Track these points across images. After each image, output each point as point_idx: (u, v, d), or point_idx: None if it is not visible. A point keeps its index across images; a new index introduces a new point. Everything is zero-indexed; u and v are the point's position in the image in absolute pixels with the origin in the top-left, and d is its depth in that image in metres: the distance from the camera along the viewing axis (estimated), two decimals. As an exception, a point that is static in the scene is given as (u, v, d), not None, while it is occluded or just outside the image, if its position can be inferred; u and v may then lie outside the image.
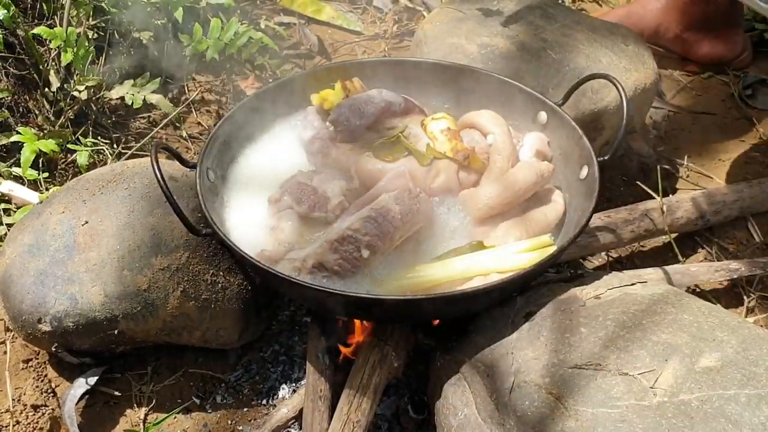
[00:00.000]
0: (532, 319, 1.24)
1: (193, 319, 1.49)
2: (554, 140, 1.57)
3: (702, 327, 1.14)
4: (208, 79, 2.34)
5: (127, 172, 1.54)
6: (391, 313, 1.31)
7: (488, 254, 1.32)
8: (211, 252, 1.50)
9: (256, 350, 1.67)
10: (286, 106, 1.64)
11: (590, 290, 1.26)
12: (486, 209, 1.42)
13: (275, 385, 1.62)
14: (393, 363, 1.42)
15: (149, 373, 1.61)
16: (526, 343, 1.20)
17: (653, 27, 2.41)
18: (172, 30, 2.25)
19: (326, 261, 1.28)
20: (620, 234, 1.79)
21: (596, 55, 1.88)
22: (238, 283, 1.53)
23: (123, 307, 1.43)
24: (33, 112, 1.99)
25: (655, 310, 1.18)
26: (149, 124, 2.16)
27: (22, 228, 1.53)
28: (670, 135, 2.31)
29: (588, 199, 1.38)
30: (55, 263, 1.45)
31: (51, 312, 1.43)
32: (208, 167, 1.47)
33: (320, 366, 1.45)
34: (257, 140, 1.61)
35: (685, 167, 2.18)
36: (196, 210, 1.49)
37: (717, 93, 2.47)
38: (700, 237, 1.95)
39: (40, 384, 1.55)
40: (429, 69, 1.70)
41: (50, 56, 2.02)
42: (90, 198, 1.50)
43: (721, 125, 2.35)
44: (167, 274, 1.45)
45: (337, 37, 2.65)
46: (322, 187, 1.43)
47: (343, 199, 1.43)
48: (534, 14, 1.97)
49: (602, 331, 1.16)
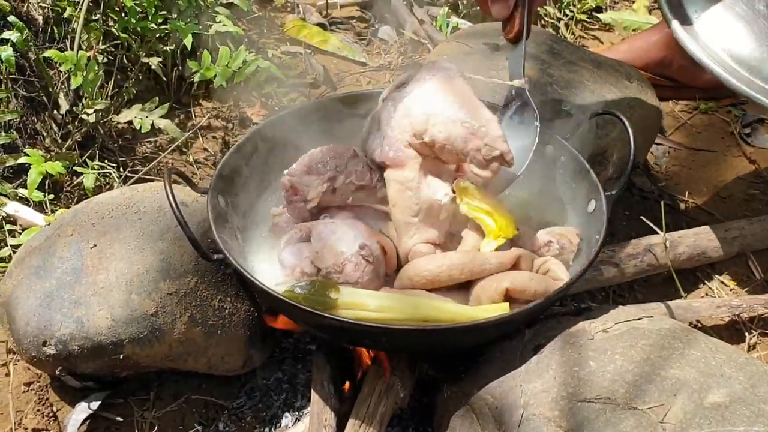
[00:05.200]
0: (541, 351, 1.25)
1: (199, 345, 1.48)
2: (561, 173, 1.59)
3: (709, 363, 1.15)
4: (215, 105, 2.36)
5: (137, 196, 1.55)
6: (399, 343, 1.32)
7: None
8: (219, 277, 1.50)
9: (259, 377, 1.66)
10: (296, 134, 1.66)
11: (598, 324, 1.27)
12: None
13: (278, 413, 1.61)
14: (399, 393, 1.42)
15: (152, 399, 1.60)
16: (535, 376, 1.21)
17: (658, 59, 2.45)
18: (180, 56, 2.27)
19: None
20: (624, 268, 1.80)
21: (601, 92, 1.91)
22: (245, 310, 1.53)
23: (129, 332, 1.42)
24: (41, 134, 2.00)
25: (662, 345, 1.19)
26: (156, 149, 2.18)
27: (30, 249, 1.53)
28: (670, 171, 2.34)
29: (596, 233, 1.39)
30: (62, 286, 1.45)
31: (56, 335, 1.42)
32: (219, 193, 1.48)
33: (325, 395, 1.45)
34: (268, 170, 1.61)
35: (685, 203, 2.20)
36: (205, 236, 1.50)
37: (716, 131, 2.51)
38: (701, 272, 1.97)
39: (42, 408, 1.54)
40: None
41: (60, 79, 2.03)
42: (99, 221, 1.50)
43: (720, 162, 2.38)
44: (175, 299, 1.45)
45: (342, 67, 2.68)
46: (336, 243, 1.39)
47: (361, 259, 1.37)
48: (540, 50, 2.00)
49: (611, 365, 1.16)
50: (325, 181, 1.48)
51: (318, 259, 1.35)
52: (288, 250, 1.39)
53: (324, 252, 1.36)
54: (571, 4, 2.94)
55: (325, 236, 1.40)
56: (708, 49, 1.64)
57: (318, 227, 1.43)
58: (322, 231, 1.41)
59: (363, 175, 1.50)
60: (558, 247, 1.42)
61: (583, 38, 2.95)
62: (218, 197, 1.47)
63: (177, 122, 2.23)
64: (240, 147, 1.56)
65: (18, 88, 2.00)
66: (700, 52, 1.63)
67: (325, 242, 1.38)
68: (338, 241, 1.38)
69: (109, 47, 2.16)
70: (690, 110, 2.59)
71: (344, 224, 1.44)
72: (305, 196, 1.48)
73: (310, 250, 1.37)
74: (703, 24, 1.66)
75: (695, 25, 1.67)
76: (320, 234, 1.40)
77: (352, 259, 1.35)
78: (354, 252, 1.36)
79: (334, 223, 1.45)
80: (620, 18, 2.99)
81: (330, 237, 1.39)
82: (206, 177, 2.18)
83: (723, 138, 2.48)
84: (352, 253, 1.35)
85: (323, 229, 1.42)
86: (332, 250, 1.36)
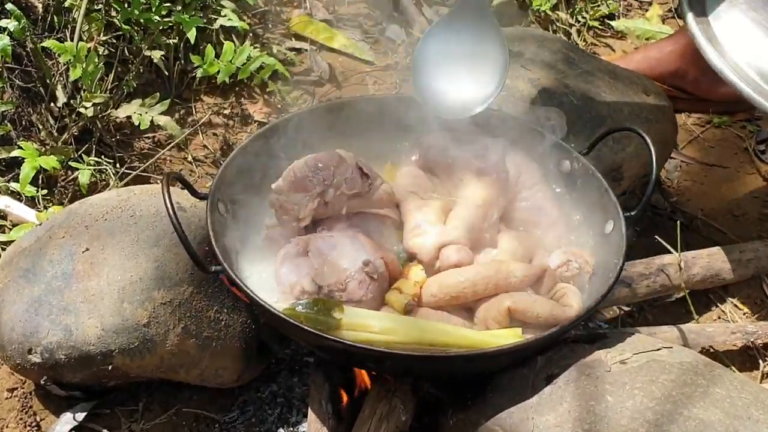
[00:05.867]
0: (555, 382, 1.19)
1: (192, 357, 1.42)
2: (577, 191, 1.52)
3: (735, 403, 1.09)
4: (217, 102, 2.29)
5: (133, 199, 1.47)
6: (404, 368, 1.25)
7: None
8: (215, 288, 1.44)
9: (253, 390, 1.60)
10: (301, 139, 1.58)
11: (615, 354, 1.21)
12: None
13: (272, 428, 1.54)
14: (401, 416, 1.35)
15: (140, 410, 1.53)
16: (548, 409, 1.14)
17: (672, 70, 2.38)
18: (183, 50, 2.20)
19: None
20: (636, 289, 1.74)
21: (618, 105, 1.85)
22: (242, 322, 1.46)
23: (120, 342, 1.36)
24: (36, 126, 1.93)
25: (685, 381, 1.12)
26: (154, 145, 2.10)
27: (19, 250, 1.46)
28: (682, 186, 2.27)
29: (615, 256, 1.33)
30: (52, 291, 1.38)
31: (43, 343, 1.36)
32: (219, 199, 1.41)
33: (323, 415, 1.38)
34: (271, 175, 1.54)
35: (697, 220, 2.14)
36: (203, 243, 1.43)
37: (730, 146, 2.45)
38: (713, 294, 1.91)
39: (25, 416, 1.47)
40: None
41: (58, 70, 1.96)
42: (93, 224, 1.43)
43: (733, 179, 2.32)
44: (169, 309, 1.38)
45: (348, 65, 2.61)
46: (338, 258, 1.33)
47: (365, 276, 1.30)
48: (555, 58, 1.93)
49: (630, 401, 1.10)
50: (314, 198, 1.39)
51: (319, 277, 1.28)
52: (286, 266, 1.31)
53: (325, 269, 1.28)
54: (584, 10, 2.87)
55: (325, 251, 1.32)
56: (733, 63, 1.57)
57: (316, 242, 1.36)
58: (321, 246, 1.34)
59: (354, 182, 1.42)
60: (576, 267, 1.36)
61: (595, 45, 2.88)
62: (218, 204, 1.40)
63: (177, 117, 2.16)
64: (242, 151, 1.49)
65: (14, 79, 1.93)
66: (724, 67, 1.56)
67: (325, 258, 1.30)
68: (339, 257, 1.31)
69: (110, 39, 2.09)
70: (703, 123, 2.52)
71: (344, 237, 1.37)
72: (296, 215, 1.40)
73: (309, 267, 1.30)
74: (728, 37, 1.60)
75: (720, 39, 1.61)
76: (319, 249, 1.33)
77: (356, 276, 1.28)
78: (357, 269, 1.29)
79: (333, 236, 1.38)
80: (633, 26, 2.92)
81: (330, 252, 1.32)
82: (205, 176, 2.11)
83: (737, 154, 2.42)
84: (355, 270, 1.29)
85: (322, 244, 1.35)
86: (334, 266, 1.29)
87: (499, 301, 1.31)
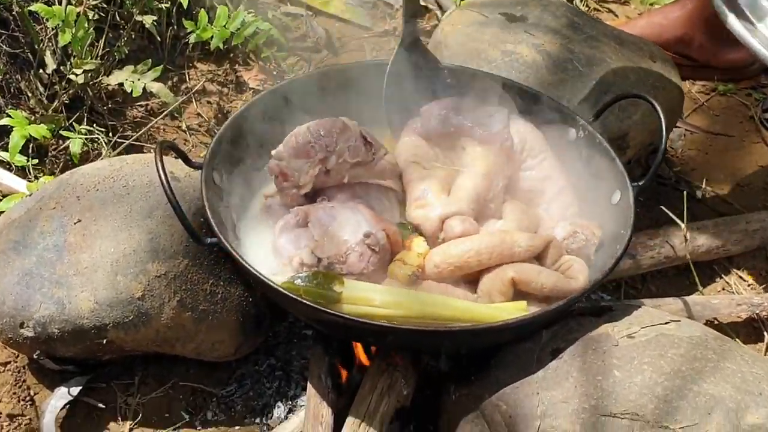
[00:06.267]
0: (560, 357, 1.16)
1: (188, 331, 1.38)
2: (582, 160, 1.48)
3: (746, 378, 1.06)
4: (210, 69, 2.23)
5: (126, 169, 1.43)
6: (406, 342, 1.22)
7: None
8: (212, 260, 1.40)
9: (251, 363, 1.57)
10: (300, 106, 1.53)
11: (622, 328, 1.17)
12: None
13: (270, 402, 1.52)
14: (402, 391, 1.32)
15: (136, 384, 1.50)
16: (554, 384, 1.11)
17: (678, 36, 2.32)
18: (176, 15, 2.13)
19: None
20: (639, 260, 1.71)
21: (624, 71, 1.80)
22: (239, 295, 1.42)
23: (114, 316, 1.32)
24: (25, 93, 1.87)
25: (694, 356, 1.09)
26: (147, 114, 2.05)
27: (8, 222, 1.42)
28: (686, 155, 2.23)
29: (622, 226, 1.29)
30: (43, 264, 1.34)
31: (35, 317, 1.32)
32: (214, 168, 1.36)
33: (322, 389, 1.35)
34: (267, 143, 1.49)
35: (702, 190, 2.10)
36: (198, 214, 1.38)
37: (735, 114, 2.40)
38: (718, 266, 1.88)
39: (18, 391, 1.44)
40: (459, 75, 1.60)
41: (47, 36, 1.89)
42: (84, 194, 1.39)
43: (738, 148, 2.27)
44: (164, 281, 1.34)
45: (345, 31, 2.54)
46: (338, 230, 1.29)
47: (366, 248, 1.26)
48: (560, 23, 1.87)
49: (638, 376, 1.07)
50: (316, 164, 1.35)
51: (318, 249, 1.24)
52: (284, 237, 1.27)
53: (325, 240, 1.24)
54: (588, -26, 2.80)
55: (326, 222, 1.28)
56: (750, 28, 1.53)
57: (317, 212, 1.31)
58: (322, 217, 1.30)
59: (357, 150, 1.37)
60: (583, 238, 1.32)
61: (598, 11, 2.81)
62: (213, 173, 1.35)
63: (170, 85, 2.10)
64: (239, 118, 1.44)
65: (1, 44, 1.86)
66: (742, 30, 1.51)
67: (325, 229, 1.26)
68: (340, 229, 1.27)
69: (100, 3, 2.01)
70: (708, 91, 2.47)
71: (345, 208, 1.33)
72: (297, 182, 1.36)
73: (309, 238, 1.26)
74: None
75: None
76: (319, 220, 1.29)
77: (357, 248, 1.24)
78: (358, 241, 1.25)
79: (334, 207, 1.34)
80: (637, -9, 2.85)
81: (331, 223, 1.28)
82: (199, 144, 2.06)
83: (741, 122, 2.37)
84: (356, 242, 1.25)
85: (322, 215, 1.30)
86: (334, 238, 1.25)
87: (503, 272, 1.27)
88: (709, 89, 2.47)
